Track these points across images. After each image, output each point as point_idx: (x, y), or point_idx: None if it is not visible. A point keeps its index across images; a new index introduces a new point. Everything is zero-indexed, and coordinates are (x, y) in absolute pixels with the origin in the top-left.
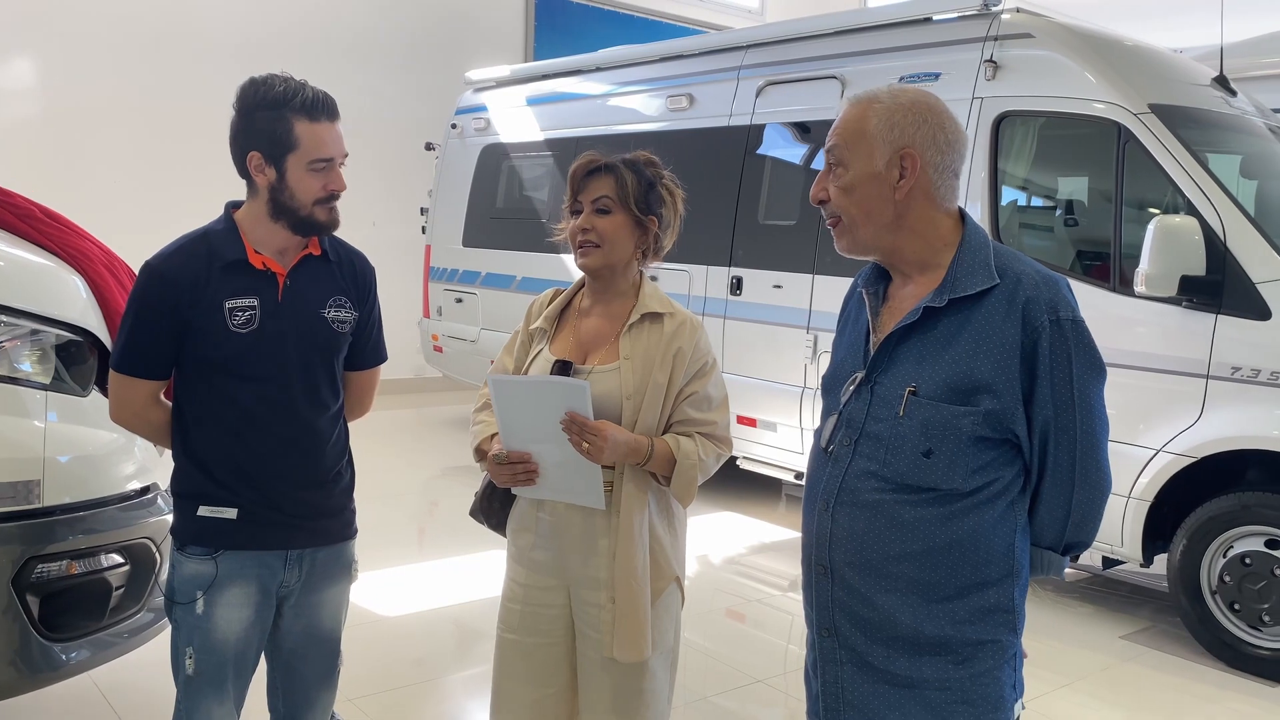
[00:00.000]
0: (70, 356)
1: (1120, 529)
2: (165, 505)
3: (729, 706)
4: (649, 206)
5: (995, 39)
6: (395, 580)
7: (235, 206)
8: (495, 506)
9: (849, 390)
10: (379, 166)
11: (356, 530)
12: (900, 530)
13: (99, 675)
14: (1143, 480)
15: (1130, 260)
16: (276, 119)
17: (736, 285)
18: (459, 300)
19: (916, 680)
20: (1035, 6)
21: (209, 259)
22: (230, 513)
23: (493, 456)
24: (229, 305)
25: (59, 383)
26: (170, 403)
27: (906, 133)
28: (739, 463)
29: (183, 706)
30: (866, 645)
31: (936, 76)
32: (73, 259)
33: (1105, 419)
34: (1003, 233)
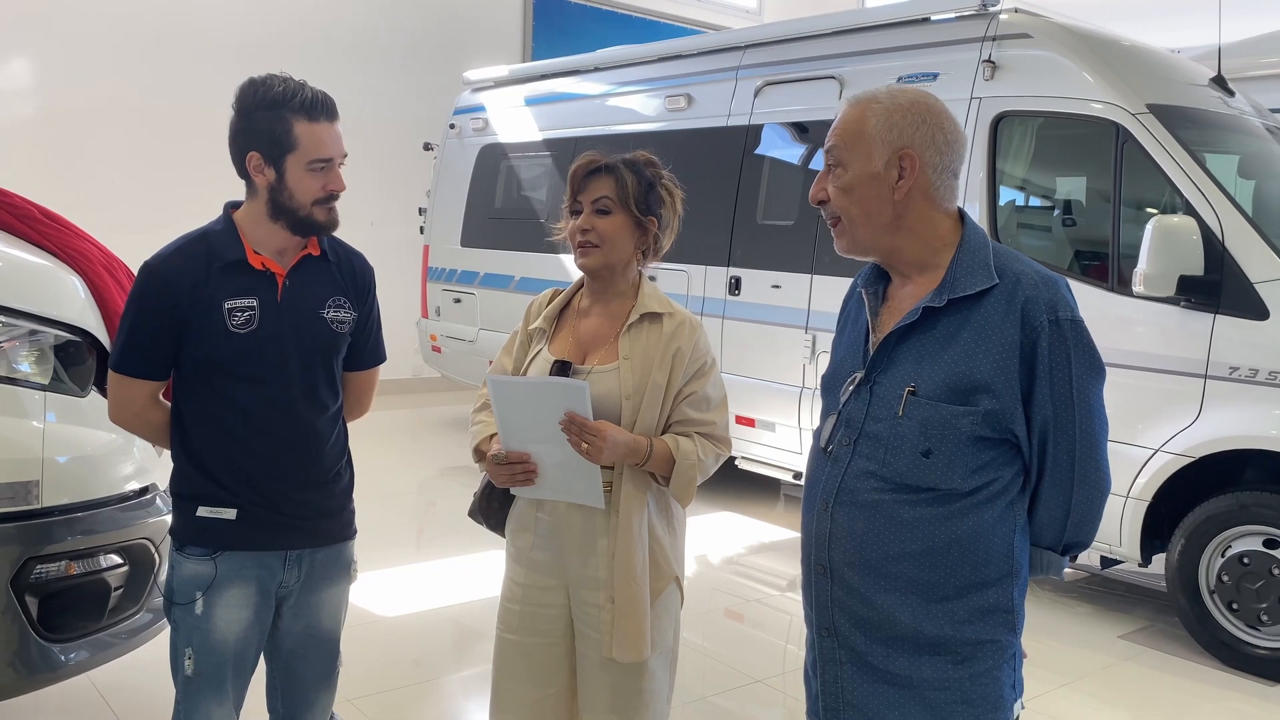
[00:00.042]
0: (69, 357)
1: (1119, 528)
2: (164, 506)
3: (728, 706)
4: (649, 207)
5: (993, 39)
6: (394, 581)
7: (234, 207)
8: (494, 507)
9: (848, 390)
10: (377, 166)
11: (356, 531)
12: (899, 530)
13: (98, 676)
14: (1141, 480)
15: (1128, 260)
16: (276, 119)
17: (735, 285)
18: (457, 300)
19: (916, 680)
20: (1033, 6)
21: (208, 259)
22: (229, 513)
23: (492, 457)
24: (228, 305)
25: (58, 383)
26: (169, 403)
27: (905, 133)
28: (737, 463)
29: (182, 707)
30: (866, 645)
31: (935, 77)
32: (71, 259)
33: (1104, 419)
34: (1001, 233)
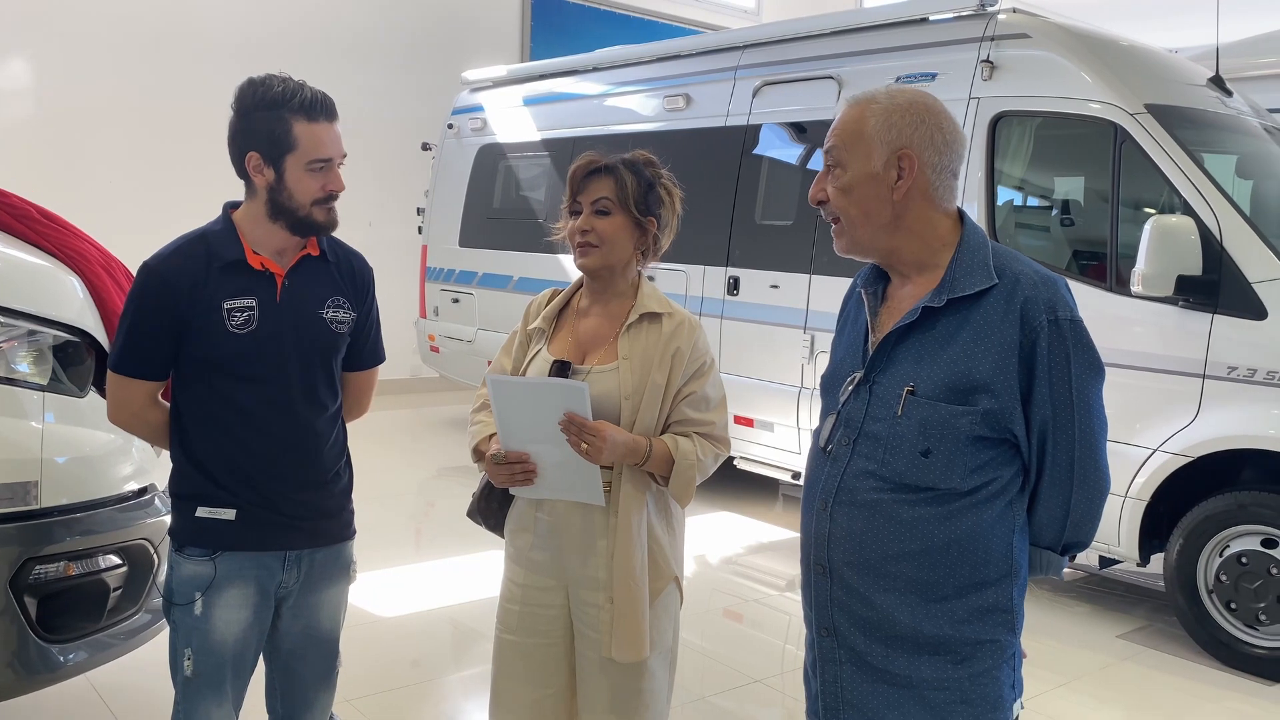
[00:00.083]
0: (68, 357)
1: (1117, 528)
2: (163, 506)
3: (727, 706)
4: (648, 207)
5: (992, 39)
6: (393, 581)
7: (233, 207)
8: (493, 507)
9: (847, 390)
10: (376, 167)
11: (355, 531)
12: (899, 529)
13: (97, 677)
14: (1139, 480)
15: (1127, 260)
16: (275, 119)
17: (733, 285)
18: (455, 300)
19: (915, 680)
20: (1031, 6)
21: (207, 259)
22: (229, 514)
23: (491, 457)
24: (227, 306)
25: (56, 384)
26: (168, 403)
27: (904, 133)
28: (736, 463)
29: (181, 708)
30: (865, 645)
31: (933, 77)
32: (70, 260)
33: (1104, 419)
34: (999, 233)
